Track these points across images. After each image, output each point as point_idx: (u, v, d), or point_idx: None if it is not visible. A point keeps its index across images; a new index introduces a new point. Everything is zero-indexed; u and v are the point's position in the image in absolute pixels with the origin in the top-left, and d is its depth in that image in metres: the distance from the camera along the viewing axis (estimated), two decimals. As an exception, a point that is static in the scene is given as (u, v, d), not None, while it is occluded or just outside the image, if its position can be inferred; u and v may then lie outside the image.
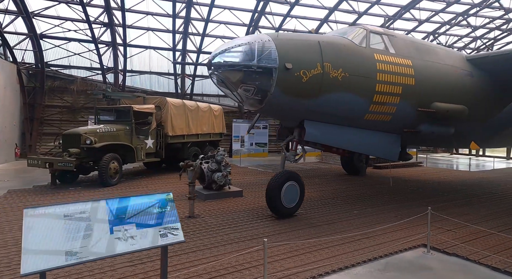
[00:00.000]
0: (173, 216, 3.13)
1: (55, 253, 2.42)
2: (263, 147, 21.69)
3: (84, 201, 2.86)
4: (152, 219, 2.97)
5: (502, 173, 15.53)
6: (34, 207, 2.64)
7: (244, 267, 4.61)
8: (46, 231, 2.51)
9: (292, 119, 7.00)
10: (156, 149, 12.72)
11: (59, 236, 2.51)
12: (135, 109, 11.74)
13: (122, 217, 2.83)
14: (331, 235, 6.05)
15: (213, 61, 6.11)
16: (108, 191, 9.78)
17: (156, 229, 2.94)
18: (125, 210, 2.90)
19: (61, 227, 2.56)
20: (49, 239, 2.47)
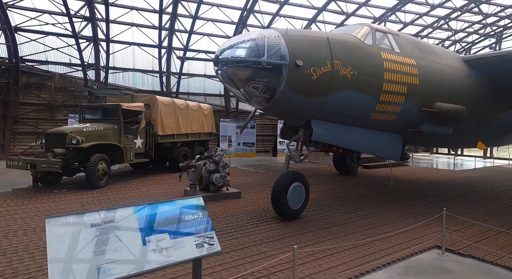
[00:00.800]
0: (206, 223, 2.83)
1: (86, 269, 2.08)
2: (251, 146, 21.44)
3: (110, 208, 2.52)
4: (185, 227, 2.67)
5: (485, 172, 16.01)
6: (57, 216, 2.29)
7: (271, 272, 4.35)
8: (73, 242, 2.16)
9: (299, 118, 6.80)
10: (145, 149, 12.21)
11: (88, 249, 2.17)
12: (124, 107, 11.20)
13: (152, 226, 2.52)
14: (341, 238, 5.90)
15: (220, 57, 5.80)
16: (98, 194, 9.23)
17: (191, 238, 2.64)
18: (155, 218, 2.58)
19: (89, 237, 2.23)
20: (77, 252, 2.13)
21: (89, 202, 8.32)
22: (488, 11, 21.86)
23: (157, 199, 8.67)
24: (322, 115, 6.65)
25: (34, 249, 5.16)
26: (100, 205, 7.96)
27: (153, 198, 8.83)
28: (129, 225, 2.43)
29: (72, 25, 17.24)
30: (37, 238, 5.65)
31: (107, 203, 8.17)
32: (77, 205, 7.95)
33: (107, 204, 8.07)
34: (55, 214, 7.12)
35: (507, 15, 22.72)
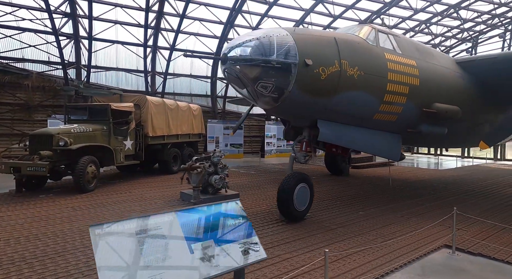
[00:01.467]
0: (249, 228, 2.66)
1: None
2: (238, 147, 21.24)
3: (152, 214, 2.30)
4: (228, 233, 2.50)
5: (467, 170, 16.54)
6: (100, 224, 2.07)
7: None
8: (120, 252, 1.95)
9: (305, 118, 6.71)
10: (135, 151, 11.79)
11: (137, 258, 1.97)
12: (113, 107, 10.76)
13: (196, 232, 2.33)
14: (351, 239, 5.86)
15: (229, 55, 5.62)
16: (88, 198, 8.80)
17: (235, 245, 2.47)
18: (197, 224, 2.40)
19: (136, 246, 2.02)
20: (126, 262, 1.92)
21: (81, 206, 7.89)
22: (466, 17, 22.71)
23: (153, 203, 8.36)
24: (328, 116, 6.60)
25: (32, 259, 4.80)
26: (94, 210, 7.57)
27: (148, 201, 8.50)
28: (174, 232, 2.24)
29: (52, 21, 16.47)
30: (33, 247, 5.26)
31: (101, 208, 7.79)
32: (68, 210, 7.52)
33: (101, 209, 7.68)
34: (47, 220, 6.71)
35: (483, 21, 23.67)
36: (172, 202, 8.51)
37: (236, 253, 2.43)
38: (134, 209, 7.67)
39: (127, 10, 18.32)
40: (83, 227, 6.31)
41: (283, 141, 22.51)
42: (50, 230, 6.12)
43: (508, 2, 21.36)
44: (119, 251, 1.97)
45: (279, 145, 22.31)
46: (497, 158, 23.58)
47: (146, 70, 20.48)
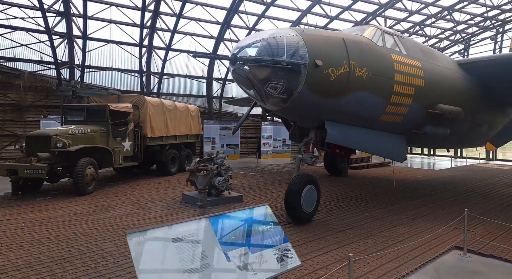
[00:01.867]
0: (280, 234, 2.58)
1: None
2: (235, 148, 21.13)
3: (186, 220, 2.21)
4: (261, 239, 2.41)
5: (462, 170, 16.73)
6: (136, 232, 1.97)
7: None
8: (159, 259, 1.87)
9: (313, 119, 6.66)
10: (134, 152, 11.60)
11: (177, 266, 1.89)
12: (112, 108, 10.57)
13: (230, 238, 2.24)
14: (361, 241, 5.83)
15: (238, 55, 5.54)
16: (88, 201, 8.61)
17: (270, 251, 2.39)
18: (231, 229, 2.31)
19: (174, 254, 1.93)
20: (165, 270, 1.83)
21: (82, 209, 7.71)
22: (459, 19, 23.00)
23: (155, 205, 8.21)
24: (336, 117, 6.56)
25: (38, 264, 4.64)
26: (96, 213, 7.39)
27: (150, 204, 8.35)
28: (209, 238, 2.15)
29: (45, 20, 16.12)
30: (37, 252, 5.10)
31: (102, 211, 7.61)
32: (69, 214, 7.33)
33: (103, 212, 7.51)
34: (48, 224, 6.52)
35: (475, 23, 24.00)
36: (175, 204, 8.37)
37: (271, 260, 2.35)
38: (137, 212, 7.52)
39: (122, 9, 18.06)
40: (87, 231, 6.15)
41: (279, 142, 22.51)
42: (53, 234, 5.95)
43: (499, 5, 21.71)
44: (157, 258, 1.88)
45: (275, 145, 22.28)
46: (489, 158, 23.93)
47: (142, 70, 20.23)
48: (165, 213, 7.51)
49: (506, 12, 22.89)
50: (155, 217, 7.14)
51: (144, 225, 6.55)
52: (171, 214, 7.38)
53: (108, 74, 20.67)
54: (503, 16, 23.76)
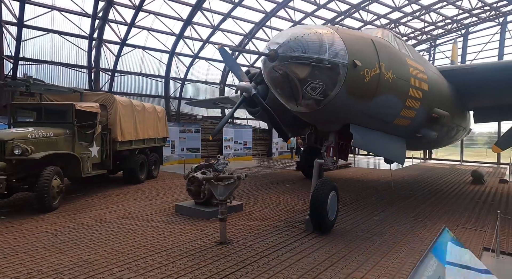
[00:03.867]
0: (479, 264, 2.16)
1: None
2: (196, 152, 20.06)
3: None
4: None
5: (416, 170, 18.02)
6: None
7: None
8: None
9: (338, 123, 6.36)
10: (102, 158, 10.14)
11: None
12: (78, 108, 9.07)
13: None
14: (397, 248, 5.67)
15: (280, 52, 4.98)
16: (59, 218, 7.21)
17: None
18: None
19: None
20: None
21: (59, 230, 6.36)
22: (432, 20, 24.08)
23: (149, 219, 7.17)
24: (360, 120, 6.38)
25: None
26: (82, 234, 6.15)
27: (140, 218, 7.27)
28: None
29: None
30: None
31: (88, 230, 6.38)
32: (46, 237, 5.97)
33: (91, 231, 6.29)
34: (26, 252, 5.19)
35: (441, 26, 25.25)
36: (171, 217, 7.42)
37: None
38: (133, 229, 6.45)
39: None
40: (87, 257, 5.01)
41: (240, 145, 22.02)
42: (45, 266, 4.71)
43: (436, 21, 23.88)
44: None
45: (236, 148, 21.73)
46: (426, 158, 26.32)
47: (90, 65, 18.09)
48: (168, 227, 6.56)
49: (439, 28, 25.18)
50: (160, 234, 6.18)
51: (155, 245, 5.59)
52: (176, 229, 6.47)
53: (46, 68, 18.09)
54: (436, 32, 26.10)
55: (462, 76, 9.59)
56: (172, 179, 13.17)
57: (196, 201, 7.75)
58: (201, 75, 22.25)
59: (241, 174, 5.60)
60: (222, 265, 4.79)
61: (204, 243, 5.74)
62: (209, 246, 5.62)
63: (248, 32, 20.21)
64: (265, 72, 5.52)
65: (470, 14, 23.12)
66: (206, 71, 22.34)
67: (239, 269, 4.66)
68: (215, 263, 4.88)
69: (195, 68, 21.69)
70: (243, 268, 4.70)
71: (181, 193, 10.38)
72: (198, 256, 5.15)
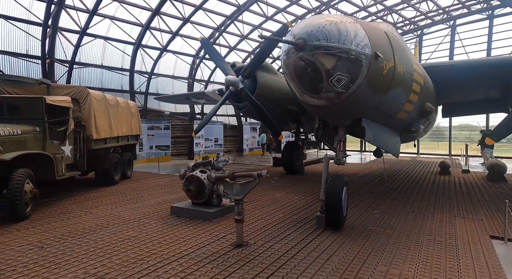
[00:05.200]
0: None
1: None
2: (165, 150, 19.09)
3: None
4: None
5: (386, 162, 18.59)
6: None
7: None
8: None
9: (351, 117, 6.21)
10: (75, 158, 9.12)
11: None
12: (49, 102, 8.02)
13: None
14: (411, 240, 5.70)
15: (308, 41, 4.68)
16: (36, 228, 6.32)
17: None
18: None
19: None
20: None
21: (45, 241, 5.51)
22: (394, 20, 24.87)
23: (146, 224, 6.52)
24: (371, 114, 6.30)
25: None
26: (70, 244, 5.39)
27: (136, 223, 6.60)
28: None
29: None
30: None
31: (82, 239, 5.61)
32: (33, 249, 5.13)
33: (85, 240, 5.53)
34: (23, 270, 4.38)
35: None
36: (168, 220, 6.83)
37: None
38: (133, 236, 5.80)
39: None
40: (93, 271, 4.34)
41: (211, 141, 21.40)
42: (46, 287, 3.99)
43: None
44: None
45: (207, 145, 21.08)
46: (386, 151, 27.67)
47: (44, 55, 16.30)
48: (171, 231, 5.99)
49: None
50: (166, 239, 5.61)
51: (167, 251, 5.03)
52: (181, 233, 5.93)
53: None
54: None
55: (442, 72, 10.02)
56: (149, 179, 12.32)
57: (195, 201, 7.22)
58: (168, 69, 21.17)
59: (261, 171, 5.22)
60: (252, 271, 4.42)
61: (220, 247, 5.31)
62: (227, 249, 5.20)
63: (219, 25, 19.58)
64: (289, 62, 5.18)
65: (425, 17, 24.54)
66: (174, 65, 21.30)
67: (273, 274, 4.32)
68: (244, 268, 4.49)
69: (162, 62, 20.58)
70: (276, 272, 4.38)
71: (166, 193, 9.71)
72: (221, 261, 4.71)
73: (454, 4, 22.74)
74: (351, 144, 29.68)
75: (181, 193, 9.68)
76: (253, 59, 10.03)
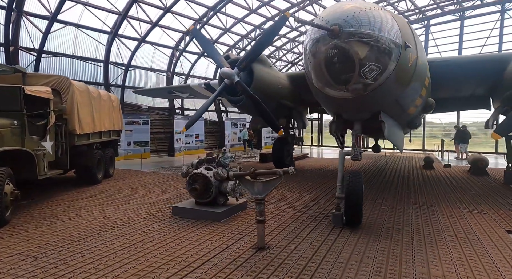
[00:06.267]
0: None
1: None
2: (145, 146, 18.12)
3: None
4: None
5: (368, 157, 18.92)
6: None
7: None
8: None
9: (371, 111, 5.94)
10: (56, 155, 8.23)
11: None
12: (28, 92, 7.12)
13: None
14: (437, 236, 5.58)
15: (344, 28, 4.32)
16: (21, 236, 5.54)
17: None
18: None
19: None
20: None
21: (36, 249, 4.80)
22: None
23: (149, 227, 5.92)
24: (390, 108, 6.08)
25: None
26: (68, 252, 4.73)
27: (138, 225, 5.98)
28: None
29: None
30: None
31: (75, 247, 4.95)
32: (26, 261, 4.42)
33: (79, 248, 4.88)
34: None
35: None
36: (171, 221, 6.28)
37: None
38: (137, 240, 5.20)
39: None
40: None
41: (192, 137, 20.65)
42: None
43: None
44: None
45: (188, 141, 20.31)
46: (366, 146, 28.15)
47: (8, 42, 14.80)
48: (181, 234, 5.46)
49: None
50: (178, 243, 5.08)
51: (185, 257, 4.52)
52: (192, 236, 5.42)
53: None
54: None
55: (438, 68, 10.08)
56: (133, 177, 11.53)
57: (200, 201, 6.69)
58: (146, 61, 20.11)
59: (288, 168, 4.82)
60: (287, 276, 4.04)
61: (241, 250, 4.87)
62: (249, 252, 4.77)
63: (201, 15, 18.80)
64: (319, 51, 4.79)
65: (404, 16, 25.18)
66: (152, 57, 20.27)
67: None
68: (277, 274, 4.10)
69: (139, 54, 19.49)
70: (314, 277, 4.02)
71: (158, 192, 9.07)
72: (249, 267, 4.28)
73: (429, 4, 23.48)
74: (329, 140, 30.07)
75: (174, 192, 9.10)
76: (250, 50, 9.57)
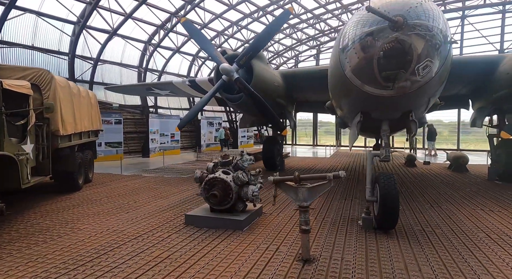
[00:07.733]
0: None
1: None
2: (117, 147, 16.78)
3: None
4: None
5: (348, 156, 19.32)
6: None
7: None
8: None
9: (403, 110, 5.70)
10: (37, 160, 7.13)
11: None
12: (6, 86, 6.02)
13: None
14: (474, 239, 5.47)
15: (408, 19, 3.98)
16: (14, 258, 4.57)
17: None
18: None
19: None
20: None
21: (42, 273, 3.96)
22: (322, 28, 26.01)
23: (163, 238, 5.22)
24: (420, 107, 5.90)
25: None
26: (81, 277, 3.94)
27: (147, 238, 5.25)
28: None
29: None
30: None
31: (89, 269, 4.15)
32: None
33: (93, 269, 4.09)
34: None
35: (326, 33, 27.45)
36: (187, 232, 5.61)
37: None
38: (158, 256, 4.51)
39: None
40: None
41: (167, 137, 19.56)
42: None
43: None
44: None
45: (163, 141, 19.20)
46: (340, 145, 28.53)
47: (-42, 31, 12.91)
48: (206, 246, 4.83)
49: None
50: (213, 259, 4.47)
51: (223, 273, 3.94)
52: (223, 249, 4.83)
53: None
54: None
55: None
56: (116, 182, 10.49)
57: (218, 208, 6.06)
58: (116, 55, 18.66)
59: (339, 172, 4.39)
60: (357, 292, 3.64)
61: (287, 263, 4.39)
62: (298, 266, 4.31)
63: (178, 8, 17.76)
64: (375, 44, 4.39)
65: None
66: (122, 51, 18.85)
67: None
68: (344, 290, 3.68)
69: (108, 47, 18.01)
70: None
71: (155, 198, 8.27)
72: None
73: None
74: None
75: (172, 197, 8.38)
76: (251, 46, 9.05)
